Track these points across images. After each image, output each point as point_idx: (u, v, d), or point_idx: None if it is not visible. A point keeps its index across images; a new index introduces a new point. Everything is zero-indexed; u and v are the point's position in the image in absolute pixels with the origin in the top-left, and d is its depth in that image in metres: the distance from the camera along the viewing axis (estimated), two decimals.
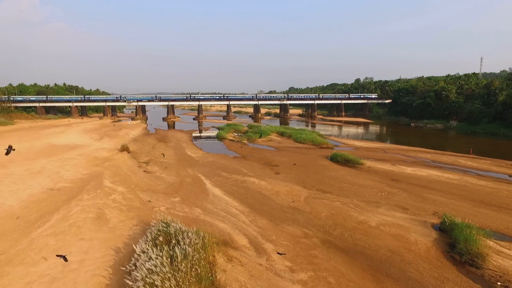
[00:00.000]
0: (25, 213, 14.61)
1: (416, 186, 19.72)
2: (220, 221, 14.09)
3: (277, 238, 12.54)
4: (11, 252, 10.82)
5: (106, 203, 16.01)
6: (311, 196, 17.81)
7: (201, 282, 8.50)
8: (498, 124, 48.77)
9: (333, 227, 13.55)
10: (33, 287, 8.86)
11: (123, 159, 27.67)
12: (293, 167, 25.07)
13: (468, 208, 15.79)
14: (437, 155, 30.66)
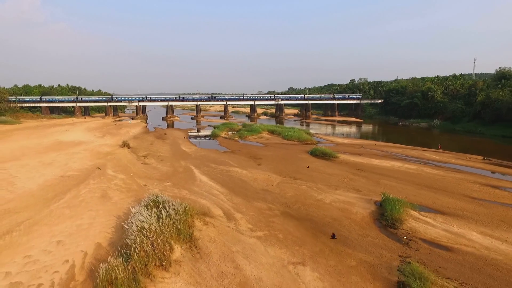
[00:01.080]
0: (43, 193, 17.79)
1: (376, 174, 22.79)
2: (202, 199, 17.21)
3: (246, 210, 15.63)
4: (36, 218, 13.97)
5: (109, 186, 19.16)
6: (283, 181, 20.90)
7: (180, 234, 11.61)
8: (477, 122, 51.73)
9: (294, 203, 16.64)
10: (56, 238, 11.99)
11: (123, 153, 30.82)
12: (274, 160, 28.17)
13: (412, 190, 18.85)
14: (408, 150, 33.74)
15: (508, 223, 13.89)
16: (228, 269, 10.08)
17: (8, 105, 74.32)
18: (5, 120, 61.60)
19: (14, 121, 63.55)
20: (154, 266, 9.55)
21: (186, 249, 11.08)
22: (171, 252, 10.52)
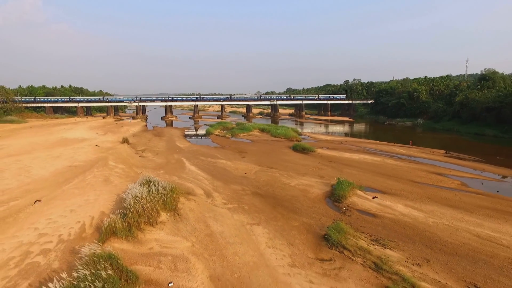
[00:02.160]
0: (55, 179, 21.16)
1: (343, 164, 26.12)
2: (188, 182, 20.56)
3: (223, 191, 18.98)
4: (51, 195, 17.34)
5: (110, 173, 22.53)
6: (260, 170, 24.24)
7: (166, 205, 14.94)
8: (456, 121, 54.98)
9: (264, 186, 19.98)
10: (69, 208, 15.33)
11: (123, 148, 34.22)
12: (258, 154, 31.52)
13: (368, 177, 22.16)
14: (381, 145, 37.05)
15: (431, 199, 17.21)
16: (200, 226, 13.44)
17: (13, 105, 77.92)
18: (12, 120, 65.17)
19: (21, 121, 67.10)
20: (144, 222, 12.89)
21: (170, 215, 14.40)
22: (158, 216, 13.86)
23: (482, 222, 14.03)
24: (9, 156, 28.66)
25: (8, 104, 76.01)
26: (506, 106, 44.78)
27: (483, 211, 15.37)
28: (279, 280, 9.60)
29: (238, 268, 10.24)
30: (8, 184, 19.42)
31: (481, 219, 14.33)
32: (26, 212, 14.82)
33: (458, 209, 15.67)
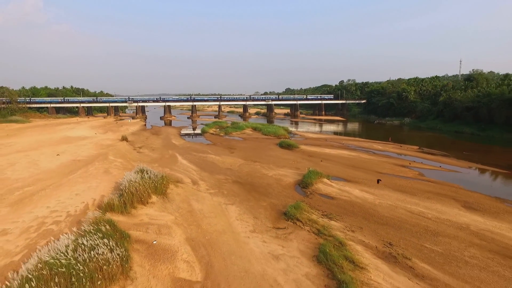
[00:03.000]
0: (61, 170, 23.92)
1: (321, 159, 28.84)
2: (179, 173, 23.31)
3: (208, 179, 21.73)
4: (59, 183, 20.10)
5: (110, 166, 25.29)
6: (245, 163, 26.99)
7: (157, 190, 17.70)
8: (439, 120, 57.63)
9: (245, 176, 22.73)
10: (75, 192, 18.09)
11: (122, 145, 37.00)
12: (246, 149, 34.26)
13: (339, 168, 24.89)
14: (362, 142, 39.79)
15: (387, 186, 19.94)
16: (184, 206, 16.21)
17: (18, 105, 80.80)
18: (17, 119, 68.06)
19: (25, 120, 69.97)
20: (137, 201, 15.64)
21: (159, 198, 17.14)
22: (149, 197, 16.61)
23: (419, 202, 16.77)
24: (18, 152, 31.47)
25: (13, 105, 78.90)
26: (483, 105, 47.43)
27: (425, 195, 18.10)
28: (240, 240, 12.35)
29: (209, 233, 13.00)
30: (20, 175, 22.21)
31: (420, 200, 17.07)
32: (38, 195, 17.59)
33: (405, 193, 18.40)
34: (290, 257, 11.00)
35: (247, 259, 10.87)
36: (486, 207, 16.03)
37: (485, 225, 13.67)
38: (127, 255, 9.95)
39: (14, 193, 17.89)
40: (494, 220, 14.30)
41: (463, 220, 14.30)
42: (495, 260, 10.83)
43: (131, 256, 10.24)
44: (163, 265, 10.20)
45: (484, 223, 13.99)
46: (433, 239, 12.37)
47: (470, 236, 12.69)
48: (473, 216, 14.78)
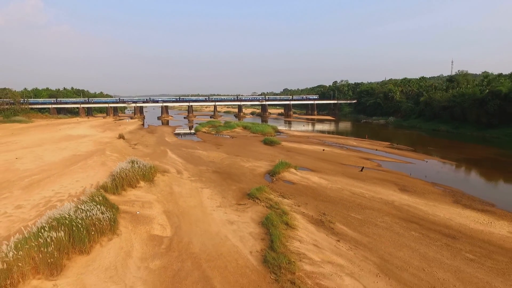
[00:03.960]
0: (63, 163, 27.14)
1: (296, 153, 32.03)
2: (167, 165, 26.52)
3: (191, 170, 24.94)
4: (61, 173, 23.32)
5: (106, 160, 28.51)
6: (227, 157, 30.20)
7: (145, 177, 20.92)
8: (420, 119, 60.82)
9: (224, 167, 25.93)
10: (75, 179, 21.30)
11: (119, 142, 40.24)
12: (231, 146, 37.47)
13: (309, 161, 28.07)
14: (340, 139, 43.00)
15: (344, 174, 23.12)
16: (166, 189, 19.42)
17: (20, 106, 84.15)
18: (20, 120, 71.42)
19: (28, 120, 73.30)
20: (127, 185, 18.84)
21: (147, 183, 20.33)
22: (138, 182, 19.81)
23: (364, 186, 19.97)
24: (24, 148, 34.73)
25: (16, 106, 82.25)
26: (457, 105, 50.57)
27: (372, 180, 21.30)
28: (206, 212, 15.56)
29: (183, 207, 16.22)
30: (28, 166, 25.45)
31: (365, 185, 20.27)
32: (44, 181, 20.81)
33: (356, 179, 21.60)
34: (242, 222, 14.20)
35: (208, 223, 14.08)
36: (417, 189, 19.24)
37: (407, 202, 16.87)
38: (115, 218, 13.16)
39: (24, 180, 21.12)
40: (417, 198, 17.51)
41: (392, 198, 17.50)
42: (398, 223, 14.02)
43: (118, 221, 13.44)
44: (142, 226, 13.42)
45: (407, 200, 17.19)
46: (360, 211, 15.57)
47: (390, 209, 15.88)
48: (402, 196, 17.98)
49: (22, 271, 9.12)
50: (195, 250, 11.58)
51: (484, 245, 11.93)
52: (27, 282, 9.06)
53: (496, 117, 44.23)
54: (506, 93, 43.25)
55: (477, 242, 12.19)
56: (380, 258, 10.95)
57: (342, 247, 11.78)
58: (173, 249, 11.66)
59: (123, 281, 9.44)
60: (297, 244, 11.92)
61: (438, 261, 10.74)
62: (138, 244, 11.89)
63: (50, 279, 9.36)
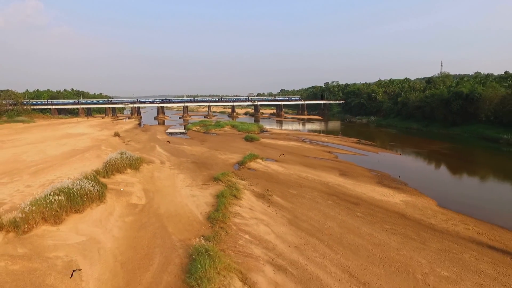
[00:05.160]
0: (63, 156, 31.32)
1: (270, 148, 36.16)
2: (153, 157, 30.67)
3: (173, 161, 29.08)
4: (62, 163, 27.50)
5: (101, 153, 32.67)
6: (207, 151, 34.35)
7: (132, 166, 25.10)
8: (398, 118, 64.93)
9: (202, 159, 30.08)
10: (74, 168, 25.46)
11: (114, 139, 44.43)
12: (215, 142, 41.63)
13: (278, 153, 32.18)
14: (315, 136, 47.18)
15: (302, 164, 27.24)
16: (148, 174, 23.58)
17: (23, 107, 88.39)
18: (23, 120, 75.62)
19: (30, 120, 77.50)
20: (116, 171, 22.98)
21: (133, 171, 24.46)
22: (125, 169, 23.96)
23: (312, 171, 24.11)
24: (28, 144, 38.92)
25: (18, 107, 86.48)
26: (427, 105, 54.69)
27: (322, 168, 25.45)
28: (176, 190, 19.70)
29: (159, 186, 20.38)
30: (33, 158, 29.62)
31: (314, 170, 24.41)
32: (48, 169, 24.98)
33: (309, 167, 25.75)
34: (201, 195, 18.36)
35: (175, 196, 18.24)
36: (354, 174, 23.40)
37: (339, 182, 21.03)
38: (103, 191, 17.31)
39: (30, 168, 25.30)
40: (349, 180, 21.67)
41: (328, 180, 21.65)
42: (322, 196, 18.16)
43: (105, 193, 17.57)
44: (124, 198, 17.59)
45: (340, 181, 21.34)
46: (297, 188, 19.72)
47: (322, 187, 20.03)
48: (338, 178, 22.14)
49: (35, 220, 13.27)
50: (160, 212, 15.74)
51: (374, 208, 16.08)
52: (38, 227, 13.19)
53: (459, 116, 48.32)
54: (467, 94, 47.35)
55: (371, 206, 16.34)
56: (293, 216, 15.09)
57: (270, 210, 15.94)
58: (144, 211, 15.84)
59: (104, 227, 13.61)
60: (237, 208, 16.06)
61: (333, 217, 14.89)
62: (118, 208, 16.07)
63: (54, 226, 13.51)
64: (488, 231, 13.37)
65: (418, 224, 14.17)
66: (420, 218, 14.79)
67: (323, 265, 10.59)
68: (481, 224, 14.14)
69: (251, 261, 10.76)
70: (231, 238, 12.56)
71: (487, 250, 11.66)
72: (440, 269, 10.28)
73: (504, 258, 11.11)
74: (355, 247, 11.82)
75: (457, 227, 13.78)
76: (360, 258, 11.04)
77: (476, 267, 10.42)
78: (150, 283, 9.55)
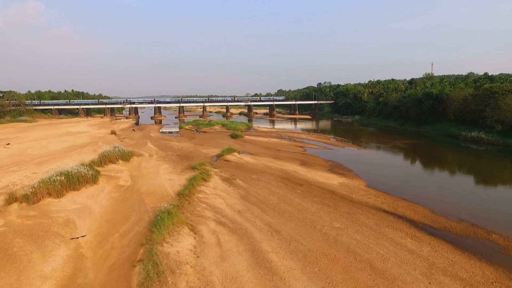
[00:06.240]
0: (64, 150, 35.25)
1: (249, 143, 40.07)
2: (143, 151, 34.59)
3: (161, 154, 33.01)
4: (62, 156, 31.45)
5: (97, 148, 36.57)
6: (193, 146, 38.29)
7: (123, 157, 29.08)
8: (379, 117, 68.81)
9: (187, 153, 34.00)
10: (73, 159, 29.39)
11: (110, 137, 48.39)
12: (202, 139, 45.57)
13: (255, 148, 36.11)
14: (295, 133, 51.08)
15: (272, 156, 31.13)
16: (136, 164, 27.52)
17: (25, 107, 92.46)
18: (25, 120, 79.69)
19: (32, 120, 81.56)
20: (108, 161, 26.92)
21: (124, 162, 28.38)
22: (117, 160, 27.91)
23: (277, 162, 28.01)
24: (32, 141, 42.89)
25: (21, 107, 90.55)
26: (403, 105, 58.58)
27: (287, 159, 29.33)
28: (158, 175, 23.62)
29: (143, 173, 24.30)
30: (37, 152, 33.58)
31: (279, 161, 28.30)
32: (50, 161, 28.92)
33: (277, 159, 29.65)
34: (177, 179, 22.27)
35: (156, 180, 22.17)
36: (312, 164, 27.30)
37: (295, 169, 24.92)
38: (96, 175, 21.24)
39: (35, 160, 29.25)
40: (305, 168, 25.56)
41: (288, 168, 25.56)
42: (276, 179, 22.05)
43: (98, 178, 21.51)
44: (113, 181, 21.52)
45: (297, 169, 25.24)
46: (259, 174, 23.62)
47: (280, 173, 23.93)
48: (296, 167, 26.04)
49: (42, 194, 17.19)
50: (141, 190, 19.67)
51: (313, 187, 19.99)
52: (44, 199, 17.11)
53: (430, 115, 52.19)
54: (436, 94, 51.22)
55: (312, 187, 20.26)
56: (246, 193, 19.00)
57: (229, 189, 19.86)
58: (128, 190, 19.78)
59: (95, 200, 17.55)
60: (203, 187, 20.00)
61: (277, 193, 18.81)
62: (108, 187, 20.02)
63: (57, 198, 17.44)
64: (391, 202, 17.28)
65: (341, 198, 18.08)
66: (345, 194, 18.70)
67: (253, 221, 14.51)
68: (389, 197, 18.05)
69: (201, 219, 14.69)
70: (191, 206, 16.50)
71: (379, 213, 15.57)
72: (336, 223, 14.19)
73: (387, 216, 15.02)
74: (283, 212, 15.74)
75: (369, 199, 17.69)
76: (283, 217, 14.96)
77: (363, 222, 14.32)
78: (125, 231, 13.48)
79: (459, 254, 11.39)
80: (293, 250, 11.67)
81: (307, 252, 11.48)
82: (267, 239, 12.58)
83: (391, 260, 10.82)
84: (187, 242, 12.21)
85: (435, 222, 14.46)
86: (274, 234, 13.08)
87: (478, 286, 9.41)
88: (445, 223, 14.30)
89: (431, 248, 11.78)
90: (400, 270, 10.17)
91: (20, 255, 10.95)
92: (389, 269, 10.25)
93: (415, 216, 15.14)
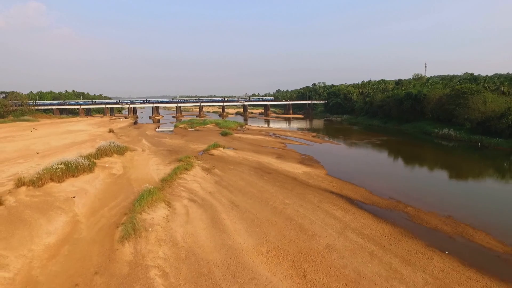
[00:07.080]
0: (65, 146, 38.45)
1: (236, 140, 43.20)
2: (137, 147, 37.76)
3: (153, 149, 36.17)
4: (63, 151, 34.66)
5: (95, 144, 39.67)
6: (183, 143, 41.45)
7: (118, 152, 32.28)
8: (366, 116, 71.90)
9: (176, 148, 37.17)
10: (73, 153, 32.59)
11: (108, 135, 51.61)
12: (194, 137, 48.74)
13: (240, 144, 39.24)
14: (281, 131, 54.24)
15: (254, 151, 34.25)
16: (129, 157, 30.70)
17: (27, 107, 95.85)
18: (28, 119, 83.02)
19: (34, 120, 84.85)
20: (104, 155, 30.07)
21: (118, 155, 31.54)
22: (112, 154, 31.08)
23: (256, 155, 31.13)
24: (35, 138, 46.14)
25: (23, 107, 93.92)
26: (387, 104, 61.68)
27: (266, 153, 32.44)
28: (147, 166, 26.78)
29: (135, 164, 27.47)
30: (40, 148, 36.80)
31: (258, 155, 31.41)
32: (52, 155, 32.11)
33: (257, 153, 32.76)
34: (163, 169, 25.42)
35: (144, 170, 25.33)
36: (287, 157, 30.41)
37: (269, 161, 28.05)
38: (92, 166, 24.41)
39: (39, 154, 32.47)
40: (278, 160, 28.69)
41: (263, 160, 28.68)
42: (250, 169, 25.17)
43: (94, 168, 24.68)
44: (107, 170, 24.70)
45: (272, 161, 28.36)
46: (235, 165, 26.74)
47: (255, 164, 27.05)
48: (271, 159, 29.17)
49: (46, 179, 20.36)
50: (131, 178, 22.85)
51: (280, 175, 23.11)
52: (47, 184, 20.27)
53: (410, 114, 55.26)
54: (415, 94, 54.29)
55: (279, 175, 23.38)
56: (220, 179, 22.14)
57: (207, 176, 23.01)
58: (120, 177, 22.96)
59: (91, 184, 20.73)
60: (184, 175, 23.14)
61: (246, 179, 21.93)
62: (102, 175, 23.20)
63: (58, 183, 20.61)
64: (340, 185, 20.40)
65: (300, 183, 21.20)
66: (304, 180, 21.84)
67: (220, 199, 17.65)
68: (340, 182, 21.17)
69: (177, 198, 17.84)
70: (171, 188, 19.67)
71: (326, 193, 18.69)
72: (287, 200, 17.32)
73: (331, 196, 18.15)
74: (246, 192, 18.88)
75: (323, 184, 20.83)
76: (245, 196, 18.10)
77: (309, 199, 17.45)
78: (113, 205, 16.65)
79: (372, 220, 14.52)
80: (245, 218, 14.81)
81: (255, 219, 14.62)
82: (227, 211, 15.72)
83: (317, 223, 13.96)
84: (162, 212, 15.37)
85: (368, 199, 17.58)
86: (234, 208, 16.22)
87: (375, 239, 12.54)
88: (375, 200, 17.43)
89: (353, 216, 14.91)
90: (320, 230, 13.30)
91: (30, 220, 14.11)
92: (313, 229, 13.38)
93: (354, 195, 18.27)
